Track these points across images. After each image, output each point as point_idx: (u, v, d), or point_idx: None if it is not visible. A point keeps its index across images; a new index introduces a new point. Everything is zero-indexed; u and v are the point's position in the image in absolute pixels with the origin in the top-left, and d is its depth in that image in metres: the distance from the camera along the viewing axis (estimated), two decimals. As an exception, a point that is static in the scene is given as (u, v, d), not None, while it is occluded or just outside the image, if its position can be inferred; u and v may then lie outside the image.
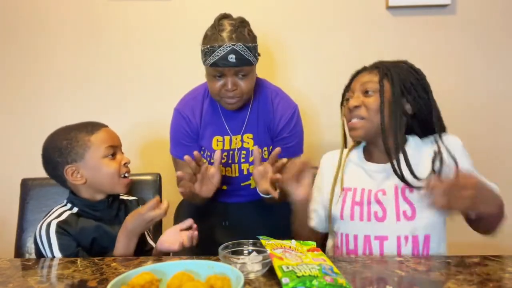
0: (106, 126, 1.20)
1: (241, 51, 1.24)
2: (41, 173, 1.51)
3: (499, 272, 0.89)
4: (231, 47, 1.23)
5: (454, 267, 0.90)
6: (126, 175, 1.17)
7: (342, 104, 1.23)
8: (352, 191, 1.15)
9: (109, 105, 1.87)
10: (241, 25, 1.29)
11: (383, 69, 1.13)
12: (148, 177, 1.47)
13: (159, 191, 1.50)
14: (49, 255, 1.05)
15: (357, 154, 1.21)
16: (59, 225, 1.07)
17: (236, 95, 1.30)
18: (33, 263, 0.97)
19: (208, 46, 1.26)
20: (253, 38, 1.30)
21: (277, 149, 1.22)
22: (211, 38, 1.26)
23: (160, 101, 1.85)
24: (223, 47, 1.23)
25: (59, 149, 1.13)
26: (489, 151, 1.83)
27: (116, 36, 1.85)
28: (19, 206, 1.42)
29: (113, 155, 1.15)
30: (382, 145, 1.11)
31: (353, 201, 1.13)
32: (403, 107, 1.11)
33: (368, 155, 1.20)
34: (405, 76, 1.12)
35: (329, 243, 1.22)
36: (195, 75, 1.34)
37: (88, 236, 1.09)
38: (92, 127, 1.16)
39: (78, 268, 0.93)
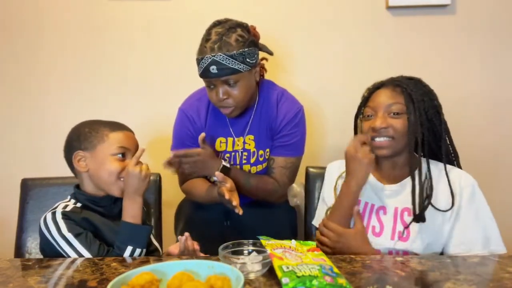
0: (132, 132, 1.21)
1: (222, 61, 1.23)
2: (41, 173, 1.51)
3: (499, 272, 0.89)
4: (211, 59, 1.24)
5: (454, 267, 0.91)
6: None
7: (357, 116, 1.24)
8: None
9: (109, 105, 1.87)
10: (229, 31, 1.26)
11: (406, 89, 1.12)
12: (148, 177, 1.47)
13: (159, 191, 1.50)
14: (59, 239, 1.04)
15: None
16: (64, 213, 1.08)
17: (229, 104, 1.30)
18: (33, 263, 0.97)
19: (196, 57, 1.29)
20: (243, 43, 1.27)
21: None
22: (199, 49, 1.29)
23: (161, 101, 1.86)
24: (205, 59, 1.25)
25: (79, 135, 1.16)
26: (488, 150, 1.83)
27: (117, 36, 1.86)
28: (19, 206, 1.42)
29: (123, 156, 1.15)
30: (396, 164, 1.16)
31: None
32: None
33: (377, 169, 1.21)
34: (422, 96, 1.12)
35: None
36: (196, 75, 1.34)
37: (91, 226, 1.09)
38: (117, 126, 1.18)
39: (78, 268, 0.93)
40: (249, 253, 0.95)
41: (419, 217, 1.07)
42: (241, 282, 0.69)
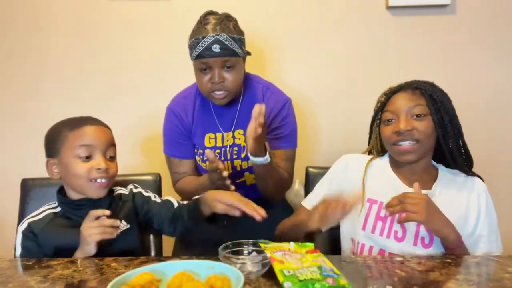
0: (96, 124, 1.10)
1: (225, 41, 1.25)
2: (41, 173, 1.51)
3: (499, 272, 0.89)
4: (215, 37, 1.24)
5: (454, 267, 0.90)
6: (99, 180, 1.07)
7: (374, 121, 1.22)
8: (377, 204, 1.15)
9: (109, 104, 1.87)
10: (227, 19, 1.30)
11: (426, 91, 1.11)
12: (148, 177, 1.46)
13: (159, 191, 1.50)
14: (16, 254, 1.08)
15: (382, 164, 1.21)
16: (29, 224, 1.07)
17: (224, 88, 1.30)
18: (33, 263, 0.97)
19: (193, 39, 1.28)
20: (239, 32, 1.32)
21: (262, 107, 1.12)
22: (196, 32, 1.29)
23: (160, 100, 1.84)
24: (207, 38, 1.25)
25: (46, 140, 1.13)
26: (492, 150, 1.83)
27: (114, 35, 1.86)
28: (19, 206, 1.42)
29: (88, 157, 1.06)
30: (414, 169, 1.14)
31: (377, 215, 1.14)
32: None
33: (398, 170, 1.18)
34: (441, 98, 1.12)
35: (344, 246, 1.22)
36: (191, 75, 1.34)
37: (51, 239, 1.05)
38: (79, 123, 1.08)
39: (78, 268, 0.93)
40: (249, 253, 0.95)
41: None
42: (241, 282, 0.69)
